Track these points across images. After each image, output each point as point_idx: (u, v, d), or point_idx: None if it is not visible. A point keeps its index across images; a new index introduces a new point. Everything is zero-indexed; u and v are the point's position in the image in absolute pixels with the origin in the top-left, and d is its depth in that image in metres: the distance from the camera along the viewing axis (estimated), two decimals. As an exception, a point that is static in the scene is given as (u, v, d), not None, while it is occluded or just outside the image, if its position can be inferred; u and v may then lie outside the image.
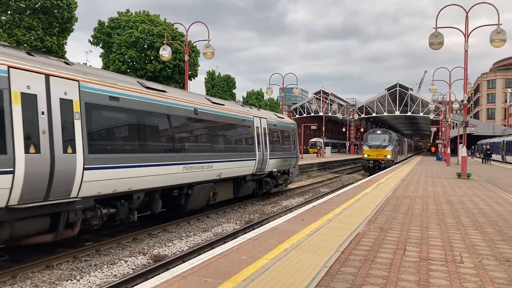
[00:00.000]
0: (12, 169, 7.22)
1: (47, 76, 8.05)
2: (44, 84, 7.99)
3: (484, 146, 54.32)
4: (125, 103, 9.98)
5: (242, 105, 18.70)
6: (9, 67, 7.36)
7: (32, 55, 8.25)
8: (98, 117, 9.29)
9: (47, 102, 7.99)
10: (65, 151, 8.24)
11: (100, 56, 50.40)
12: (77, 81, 8.69)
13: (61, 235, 8.62)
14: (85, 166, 8.65)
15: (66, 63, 9.06)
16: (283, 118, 21.96)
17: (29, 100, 7.64)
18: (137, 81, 11.16)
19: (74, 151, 8.44)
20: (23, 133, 7.46)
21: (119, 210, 10.02)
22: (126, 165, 9.82)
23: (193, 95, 14.16)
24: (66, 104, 8.37)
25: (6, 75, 7.29)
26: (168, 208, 13.01)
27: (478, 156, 63.10)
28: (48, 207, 8.07)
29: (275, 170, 19.17)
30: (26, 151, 7.47)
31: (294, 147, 21.90)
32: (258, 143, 17.32)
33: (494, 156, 53.14)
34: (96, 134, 9.20)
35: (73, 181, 8.42)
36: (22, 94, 7.52)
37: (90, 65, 9.15)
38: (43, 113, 7.87)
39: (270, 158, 18.32)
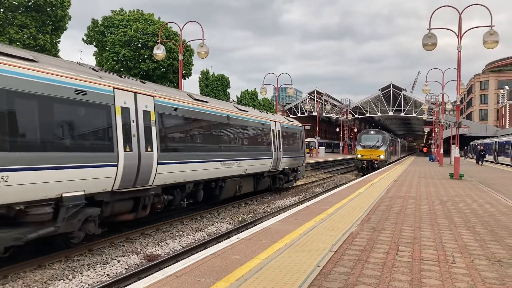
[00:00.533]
0: (116, 163, 9.75)
1: (135, 94, 10.67)
2: (133, 99, 10.58)
3: (477, 146, 54.25)
4: (181, 112, 12.67)
5: (260, 111, 21.18)
6: (114, 88, 9.92)
7: (122, 77, 10.89)
8: (165, 124, 11.93)
9: (135, 113, 10.58)
10: (146, 150, 10.82)
11: (93, 55, 50.13)
12: (152, 96, 11.37)
13: (139, 215, 11.10)
14: (158, 162, 11.23)
15: (142, 82, 11.76)
16: (293, 122, 24.35)
17: (125, 112, 10.20)
18: (187, 94, 13.99)
19: (152, 150, 11.06)
20: (123, 137, 10.00)
21: (175, 197, 12.60)
22: (182, 161, 12.48)
23: (225, 104, 17.44)
24: (146, 114, 11.03)
25: (112, 94, 9.85)
26: (207, 197, 15.05)
27: (471, 156, 63.13)
28: (134, 192, 10.56)
29: (287, 168, 21.60)
30: (124, 150, 10.01)
31: (302, 147, 24.48)
32: (274, 144, 19.84)
33: (486, 157, 53.47)
34: (164, 137, 11.76)
35: (150, 173, 10.99)
36: (121, 107, 10.10)
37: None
38: (133, 121, 10.43)
39: (283, 157, 20.81)
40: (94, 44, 49.37)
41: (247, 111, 18.01)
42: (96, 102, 9.43)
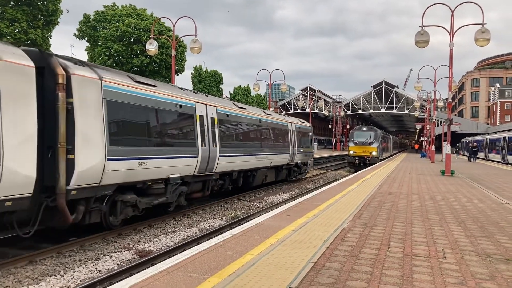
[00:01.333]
0: (197, 155, 13.71)
1: (206, 105, 14.78)
2: (205, 109, 14.65)
3: (469, 144, 53.67)
4: (232, 117, 16.87)
5: (279, 114, 26.18)
6: (195, 102, 14.04)
7: (196, 93, 15.43)
8: (223, 126, 15.94)
9: (206, 120, 14.56)
10: (213, 146, 14.75)
11: (85, 50, 49.80)
12: (215, 106, 15.56)
13: (204, 194, 15.16)
14: (219, 154, 15.21)
15: (206, 95, 16.15)
16: (304, 122, 28.65)
17: (201, 119, 14.20)
18: (233, 103, 18.42)
19: (215, 146, 15.01)
20: (200, 136, 13.98)
21: (225, 182, 16.63)
22: (233, 155, 16.44)
23: (257, 109, 21.77)
24: (212, 120, 15.03)
25: (194, 106, 13.90)
26: (243, 184, 18.78)
27: (462, 153, 63.11)
28: (204, 176, 14.55)
29: (299, 162, 25.71)
30: (201, 145, 14.00)
31: (311, 145, 28.89)
32: (291, 142, 23.86)
33: (478, 154, 53.77)
34: (222, 136, 15.71)
35: (215, 162, 14.99)
36: (199, 115, 14.15)
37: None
38: (205, 125, 14.45)
39: (297, 153, 24.81)
40: (86, 39, 49.03)
41: (271, 115, 22.41)
42: (186, 112, 13.49)
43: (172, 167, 12.34)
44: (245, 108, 18.95)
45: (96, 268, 8.30)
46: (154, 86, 12.08)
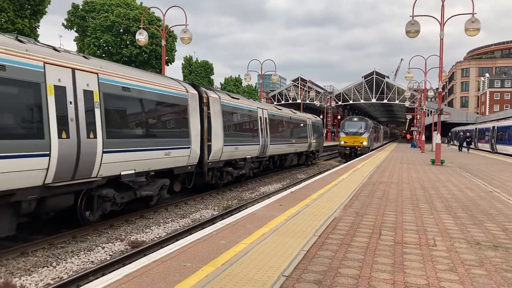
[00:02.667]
0: (259, 143, 20.06)
1: (262, 109, 20.88)
2: (262, 112, 20.94)
3: (460, 133, 52.68)
4: (276, 117, 23.52)
5: (301, 112, 32.96)
6: (257, 107, 20.26)
7: (254, 100, 22.81)
8: (272, 123, 22.08)
9: (262, 120, 20.85)
10: (267, 136, 21.05)
11: (74, 40, 49.22)
12: (267, 110, 21.69)
13: (260, 170, 21.51)
14: (270, 143, 21.51)
15: (259, 102, 22.28)
16: (316, 118, 35.46)
17: (260, 119, 20.64)
18: (274, 106, 25.85)
19: (268, 136, 21.15)
20: (260, 131, 20.42)
21: (270, 162, 23.11)
22: (276, 143, 22.84)
23: (287, 109, 27.41)
24: (265, 120, 21.14)
25: (256, 110, 20.34)
26: (280, 164, 25.32)
27: (453, 143, 62.80)
28: (260, 158, 20.95)
29: (314, 149, 32.21)
30: (261, 137, 20.17)
31: (322, 135, 35.93)
32: (308, 133, 30.37)
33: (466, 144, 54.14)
34: (272, 130, 21.96)
35: (267, 149, 21.30)
36: (260, 117, 20.42)
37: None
38: (263, 123, 20.77)
39: (312, 142, 31.23)
40: (75, 29, 48.45)
41: (296, 113, 28.93)
42: (255, 115, 20.16)
43: (248, 151, 19.03)
44: (281, 109, 25.96)
45: (88, 259, 8.30)
46: (238, 98, 19.29)
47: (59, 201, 9.10)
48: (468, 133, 46.09)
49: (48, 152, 8.28)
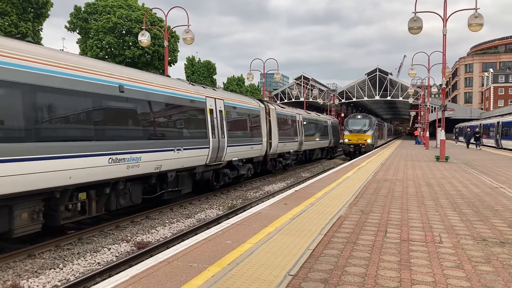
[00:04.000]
0: (297, 140, 27.00)
1: (301, 115, 28.41)
2: (301, 118, 28.16)
3: (469, 129, 49.77)
4: (309, 120, 30.69)
5: (322, 115, 41.15)
6: (297, 114, 27.93)
7: (294, 108, 30.27)
8: (305, 126, 28.76)
9: (301, 122, 28.02)
10: (303, 136, 27.98)
11: (77, 42, 49.32)
12: (302, 115, 28.69)
13: (291, 165, 26.90)
14: (304, 140, 28.27)
15: (295, 109, 29.30)
16: (334, 118, 44.03)
17: (299, 123, 27.65)
18: (305, 111, 32.38)
19: (302, 136, 27.65)
20: (299, 131, 27.20)
21: (303, 156, 29.43)
22: (307, 141, 29.10)
23: (314, 113, 35.23)
24: (302, 123, 28.19)
25: (295, 115, 27.52)
26: (308, 158, 31.83)
27: (460, 140, 60.82)
28: (298, 151, 27.38)
29: (333, 145, 39.02)
30: (299, 136, 27.12)
31: (338, 133, 41.76)
32: (329, 132, 36.88)
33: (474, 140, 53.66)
34: (305, 131, 28.40)
35: (302, 145, 27.77)
36: (298, 121, 27.54)
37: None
38: (301, 126, 27.88)
39: (332, 139, 37.98)
40: (77, 31, 48.55)
41: (320, 116, 36.83)
42: (295, 120, 26.65)
43: (291, 146, 25.19)
44: (310, 113, 33.27)
45: (95, 261, 8.33)
46: (284, 107, 25.93)
47: (208, 174, 15.51)
48: (477, 128, 43.80)
49: (208, 146, 14.82)
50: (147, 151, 11.11)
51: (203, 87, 16.04)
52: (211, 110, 15.14)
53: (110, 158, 9.84)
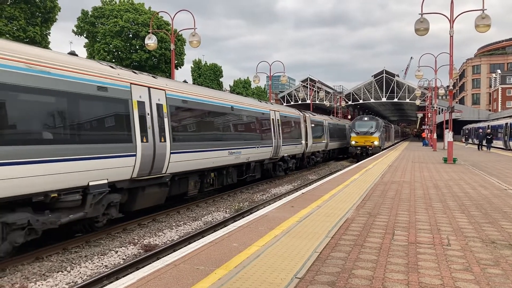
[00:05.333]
0: (325, 141, 32.58)
1: (326, 120, 33.93)
2: (327, 123, 33.62)
3: (480, 130, 47.38)
4: (331, 124, 35.49)
5: (340, 119, 47.11)
6: (323, 119, 33.29)
7: (318, 115, 35.63)
8: (330, 129, 34.20)
9: (326, 127, 33.37)
10: (327, 140, 32.93)
11: (84, 46, 49.68)
12: (326, 120, 34.69)
13: (320, 161, 32.89)
14: (329, 141, 34.07)
15: (313, 114, 31.60)
16: (350, 122, 45.19)
17: (325, 127, 33.37)
18: (329, 117, 39.51)
19: (327, 139, 32.83)
20: (326, 133, 33.07)
21: (328, 155, 35.34)
22: (332, 142, 34.83)
23: (336, 118, 44.45)
24: (323, 125, 32.40)
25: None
26: (331, 156, 36.82)
27: (472, 142, 57.62)
28: (324, 151, 33.18)
29: (345, 146, 40.50)
30: (326, 139, 32.91)
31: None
32: (347, 134, 40.18)
33: (476, 141, 53.22)
34: (331, 134, 34.46)
35: (326, 145, 32.94)
36: (325, 125, 33.36)
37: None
38: (325, 127, 33.04)
39: (351, 140, 38.50)
40: (84, 35, 48.91)
41: (340, 120, 43.40)
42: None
43: (320, 146, 30.64)
44: (332, 118, 40.30)
45: (102, 264, 8.35)
46: (315, 115, 31.12)
47: (269, 165, 21.04)
48: (488, 130, 41.71)
49: (272, 145, 20.45)
50: (243, 147, 17.07)
51: (266, 102, 22.50)
52: (273, 119, 20.73)
53: (229, 151, 15.74)
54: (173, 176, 12.32)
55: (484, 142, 38.71)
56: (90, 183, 9.08)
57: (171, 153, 11.81)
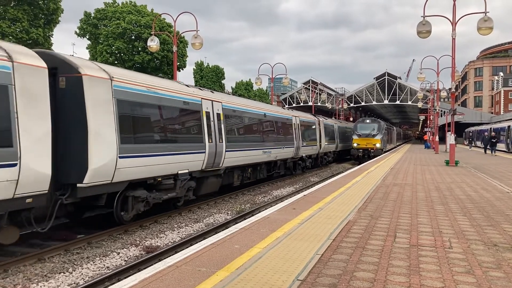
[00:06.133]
0: (336, 144, 36.24)
1: (335, 124, 36.76)
2: (336, 126, 37.48)
3: (486, 133, 45.75)
4: (341, 127, 39.39)
5: (349, 122, 49.39)
6: (334, 123, 37.37)
7: (341, 121, 46.11)
8: (339, 132, 37.89)
9: (336, 128, 37.38)
10: (338, 142, 37.06)
11: (87, 48, 49.78)
12: (337, 124, 38.26)
13: (332, 160, 36.85)
14: (339, 143, 37.26)
15: (325, 118, 35.74)
16: (339, 121, 45.26)
17: (329, 127, 35.31)
18: (338, 120, 42.95)
19: (336, 142, 36.55)
20: (334, 135, 36.44)
21: (329, 156, 35.15)
22: (342, 144, 38.39)
23: (344, 122, 48.17)
24: (334, 127, 36.51)
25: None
26: (340, 157, 39.94)
27: (475, 145, 55.73)
28: (335, 151, 37.18)
29: (351, 148, 40.90)
30: (338, 141, 37.45)
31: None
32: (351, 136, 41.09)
33: (479, 144, 53.02)
34: (341, 136, 38.10)
35: (336, 147, 37.03)
36: (335, 129, 37.10)
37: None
38: (334, 130, 36.76)
39: (353, 142, 38.72)
40: (87, 37, 49.01)
41: (348, 123, 43.96)
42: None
43: (330, 147, 33.75)
44: (341, 122, 43.63)
45: (104, 265, 8.37)
46: (326, 119, 34.07)
47: (291, 164, 24.62)
48: (493, 132, 40.15)
49: (293, 146, 23.90)
50: (273, 148, 20.39)
51: (288, 109, 27.88)
52: (294, 124, 24.54)
53: (262, 151, 19.17)
54: (225, 170, 15.60)
55: (488, 146, 37.42)
56: (179, 172, 12.43)
57: (226, 151, 15.33)
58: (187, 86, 14.21)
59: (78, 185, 8.93)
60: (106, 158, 9.37)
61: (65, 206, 9.34)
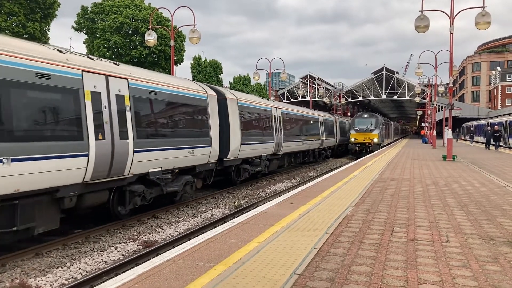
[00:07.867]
0: (335, 139, 38.92)
1: (336, 119, 39.69)
2: (338, 121, 41.27)
3: (489, 127, 41.13)
4: (342, 123, 42.26)
5: (348, 118, 51.61)
6: (334, 118, 38.91)
7: (332, 114, 45.35)
8: (341, 127, 41.26)
9: (337, 124, 39.97)
10: (338, 136, 39.56)
11: (84, 42, 49.51)
12: (336, 119, 40.35)
13: (338, 153, 41.40)
14: (339, 139, 40.06)
15: (331, 114, 40.84)
16: (347, 119, 49.13)
17: (329, 122, 37.43)
18: (339, 116, 45.13)
19: (336, 137, 38.78)
20: (336, 131, 39.88)
21: (332, 149, 39.17)
22: (342, 138, 41.01)
23: (345, 118, 50.67)
24: (337, 123, 40.16)
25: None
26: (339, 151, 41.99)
27: (477, 140, 52.81)
28: (336, 145, 41.08)
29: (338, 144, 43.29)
30: (338, 136, 40.23)
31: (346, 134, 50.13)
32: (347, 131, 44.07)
33: (476, 138, 53.10)
34: (340, 132, 40.38)
35: (338, 140, 40.73)
36: (346, 126, 43.46)
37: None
38: (334, 125, 39.44)
39: (350, 137, 39.84)
40: (84, 31, 48.75)
41: (347, 118, 47.18)
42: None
43: (332, 142, 36.84)
44: (342, 117, 45.56)
45: (102, 259, 8.38)
46: (327, 114, 37.20)
47: (315, 154, 32.30)
48: (496, 126, 37.46)
49: (319, 140, 32.26)
50: (308, 140, 27.56)
51: (316, 110, 34.51)
52: (320, 122, 31.47)
53: (302, 142, 26.54)
54: (282, 155, 22.71)
55: (492, 141, 35.18)
56: (262, 155, 19.97)
57: (283, 142, 22.23)
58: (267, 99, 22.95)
59: (224, 159, 15.71)
60: (236, 144, 16.32)
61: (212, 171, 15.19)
